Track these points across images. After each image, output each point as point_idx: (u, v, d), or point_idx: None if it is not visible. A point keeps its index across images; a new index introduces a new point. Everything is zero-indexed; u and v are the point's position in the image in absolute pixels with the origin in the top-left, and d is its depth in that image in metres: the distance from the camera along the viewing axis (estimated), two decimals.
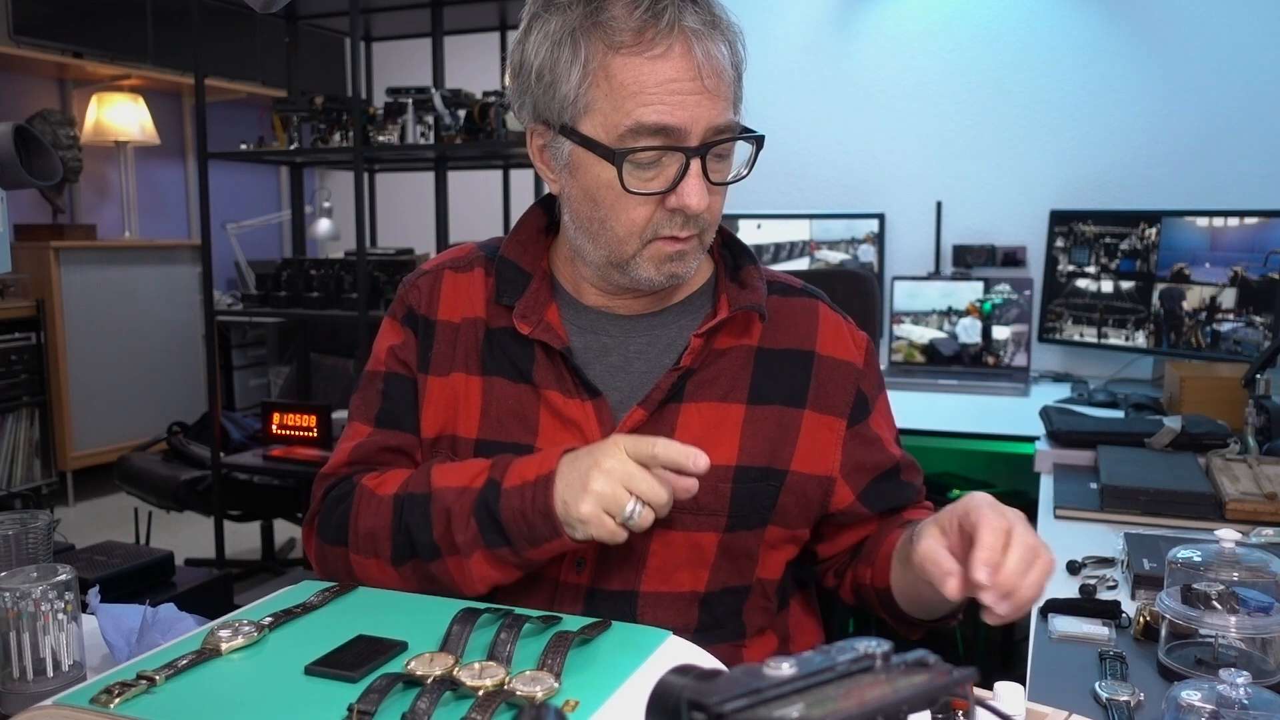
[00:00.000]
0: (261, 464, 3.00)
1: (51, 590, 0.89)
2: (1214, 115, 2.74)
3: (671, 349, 1.06)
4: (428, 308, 1.10)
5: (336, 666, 0.79)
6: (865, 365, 1.11)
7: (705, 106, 0.93)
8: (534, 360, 1.05)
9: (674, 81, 0.92)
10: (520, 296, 1.06)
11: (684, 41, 0.92)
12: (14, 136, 1.19)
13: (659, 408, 1.02)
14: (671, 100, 0.92)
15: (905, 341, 2.88)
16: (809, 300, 1.12)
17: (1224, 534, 1.00)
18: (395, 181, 4.66)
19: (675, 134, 0.93)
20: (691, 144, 0.94)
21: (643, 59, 0.92)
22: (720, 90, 0.94)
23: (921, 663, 0.46)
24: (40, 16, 4.32)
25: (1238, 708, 0.78)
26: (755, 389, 1.05)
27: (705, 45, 0.93)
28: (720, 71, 0.94)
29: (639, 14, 0.92)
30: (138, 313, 4.63)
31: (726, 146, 0.97)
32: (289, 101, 3.27)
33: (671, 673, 0.46)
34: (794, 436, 1.05)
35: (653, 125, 0.92)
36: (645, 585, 1.02)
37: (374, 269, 3.07)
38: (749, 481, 1.03)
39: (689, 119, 0.93)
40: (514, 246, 1.10)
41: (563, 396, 1.03)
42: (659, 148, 0.94)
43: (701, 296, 1.10)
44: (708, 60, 0.93)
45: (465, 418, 1.06)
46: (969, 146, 2.99)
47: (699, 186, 0.94)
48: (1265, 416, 1.75)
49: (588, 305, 1.08)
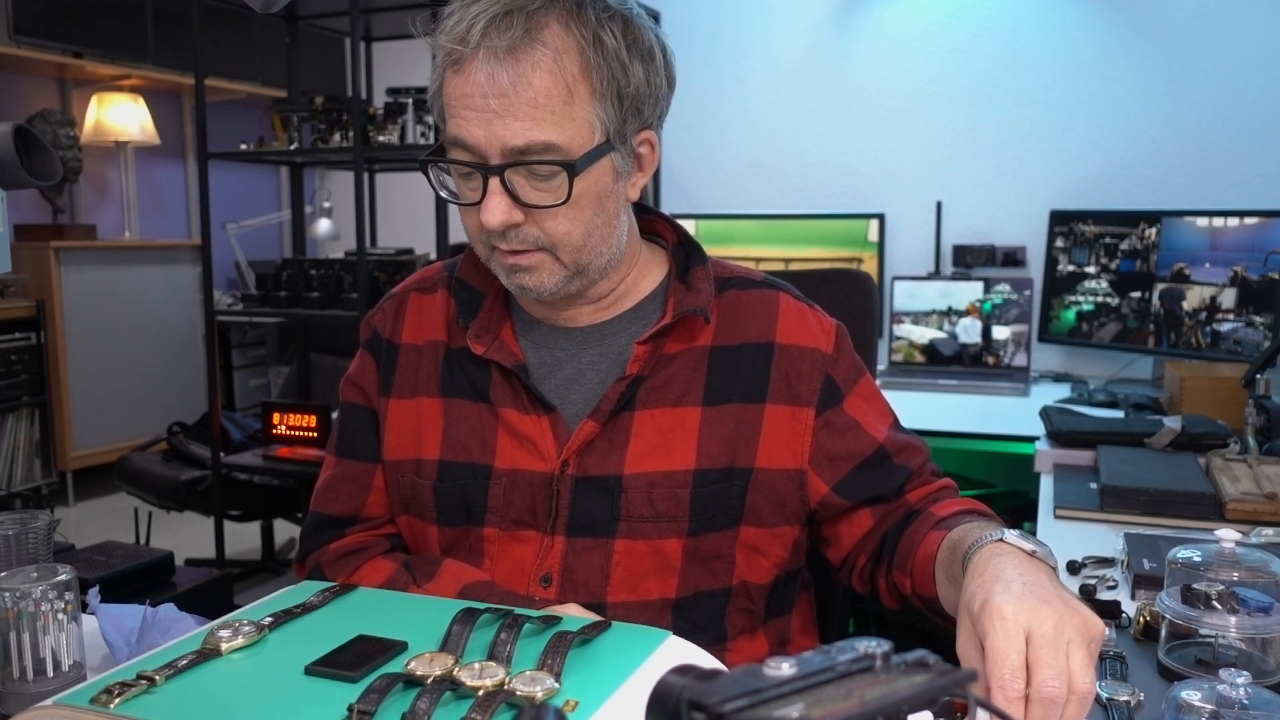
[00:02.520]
0: (261, 464, 3.00)
1: (51, 590, 0.89)
2: (1214, 115, 2.74)
3: (622, 358, 1.06)
4: (391, 332, 1.12)
5: (336, 666, 0.79)
6: (835, 350, 1.09)
7: (498, 126, 0.92)
8: (490, 380, 1.06)
9: (468, 98, 0.93)
10: (474, 317, 1.07)
11: (485, 60, 0.92)
12: (14, 136, 1.19)
13: (610, 418, 1.03)
14: (466, 115, 0.93)
15: (905, 341, 2.88)
16: (769, 292, 1.10)
17: (1224, 534, 1.00)
18: (395, 181, 4.66)
19: (475, 150, 0.94)
20: (493, 161, 0.93)
21: (452, 74, 0.94)
22: (517, 111, 0.91)
23: (921, 663, 0.46)
24: (40, 16, 4.32)
25: (1238, 708, 0.78)
26: (711, 390, 1.04)
27: (506, 65, 0.91)
28: (507, 92, 0.91)
29: (458, 31, 0.93)
30: (138, 313, 4.63)
31: (547, 169, 0.93)
32: (289, 101, 3.27)
33: (671, 673, 0.46)
34: (756, 433, 1.04)
35: (453, 138, 0.95)
36: (612, 596, 1.02)
37: (374, 269, 3.07)
38: (709, 484, 1.03)
39: (483, 136, 0.93)
40: (467, 267, 1.11)
41: (519, 413, 1.04)
42: (462, 162, 0.95)
43: (652, 302, 1.09)
44: (492, 80, 0.91)
45: (429, 440, 1.08)
46: (969, 146, 2.99)
47: (497, 204, 0.94)
48: (1265, 416, 1.75)
49: (538, 320, 1.09)
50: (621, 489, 1.02)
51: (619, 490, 1.02)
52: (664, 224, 1.14)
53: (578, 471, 1.02)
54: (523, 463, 1.03)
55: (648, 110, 0.99)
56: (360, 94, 2.97)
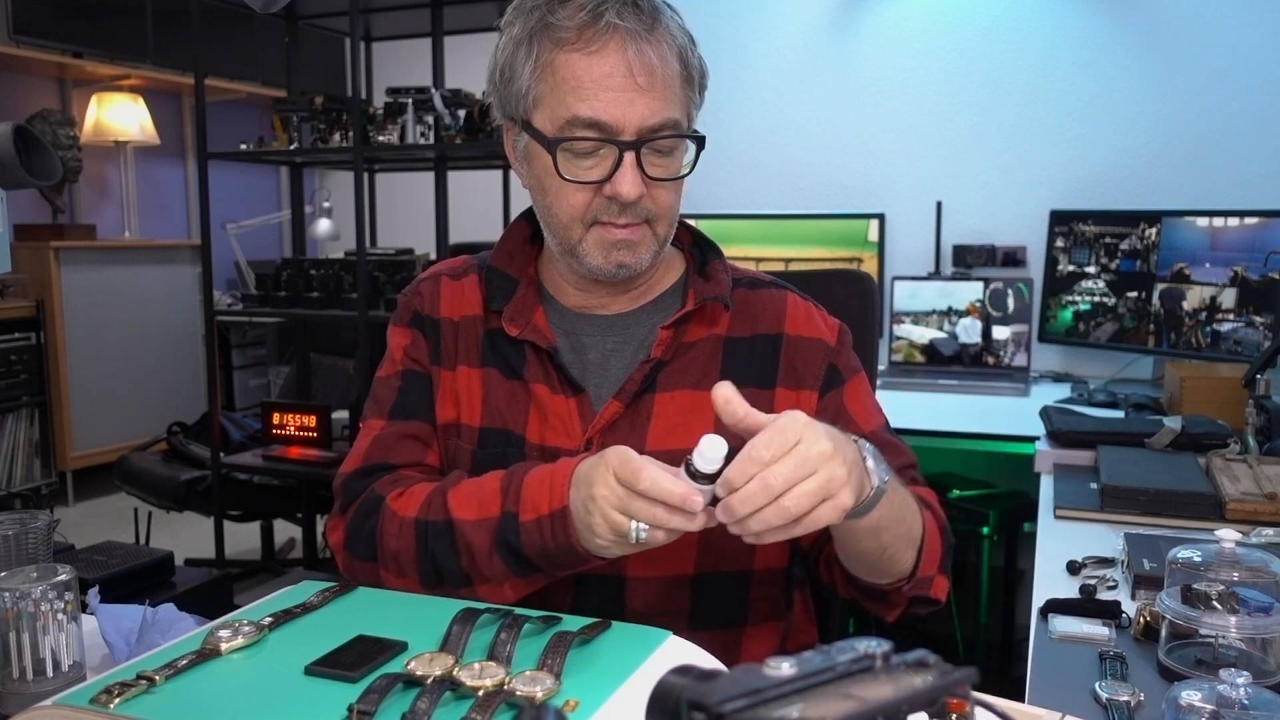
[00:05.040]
0: (261, 464, 3.00)
1: (51, 590, 0.89)
2: (1214, 115, 2.74)
3: (645, 344, 1.11)
4: (430, 308, 1.16)
5: (336, 666, 0.79)
6: (838, 344, 1.13)
7: (638, 104, 0.98)
8: (525, 360, 1.10)
9: (608, 78, 0.97)
10: (508, 301, 1.11)
11: (619, 41, 0.97)
12: (14, 136, 1.19)
13: (634, 400, 1.07)
14: (605, 96, 0.97)
15: (905, 341, 2.88)
16: (778, 291, 1.16)
17: (1224, 534, 1.00)
18: (395, 181, 4.66)
19: (608, 128, 0.98)
20: (626, 138, 0.98)
21: (580, 56, 0.98)
22: (655, 89, 0.98)
23: (921, 663, 0.46)
24: (40, 16, 4.32)
25: (1238, 708, 0.78)
26: (727, 374, 1.07)
27: (640, 45, 0.97)
28: (654, 71, 0.98)
29: (582, 15, 0.98)
30: (138, 313, 4.63)
31: (668, 143, 1.01)
32: (289, 101, 3.27)
33: (671, 673, 0.46)
34: None
35: (586, 119, 0.98)
36: (631, 571, 1.05)
37: (374, 269, 3.07)
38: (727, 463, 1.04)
39: (621, 114, 0.98)
40: (501, 256, 1.15)
41: (549, 392, 1.08)
42: (594, 139, 0.99)
43: (672, 294, 1.15)
44: (640, 59, 0.97)
45: (469, 408, 1.12)
46: (969, 146, 2.99)
47: (632, 177, 0.99)
48: (1265, 416, 1.75)
49: (569, 307, 1.13)
50: None
51: None
52: (680, 226, 1.17)
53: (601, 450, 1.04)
54: (550, 439, 1.07)
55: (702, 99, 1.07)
56: (360, 94, 2.97)
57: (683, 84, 1.01)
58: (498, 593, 1.00)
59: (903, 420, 2.31)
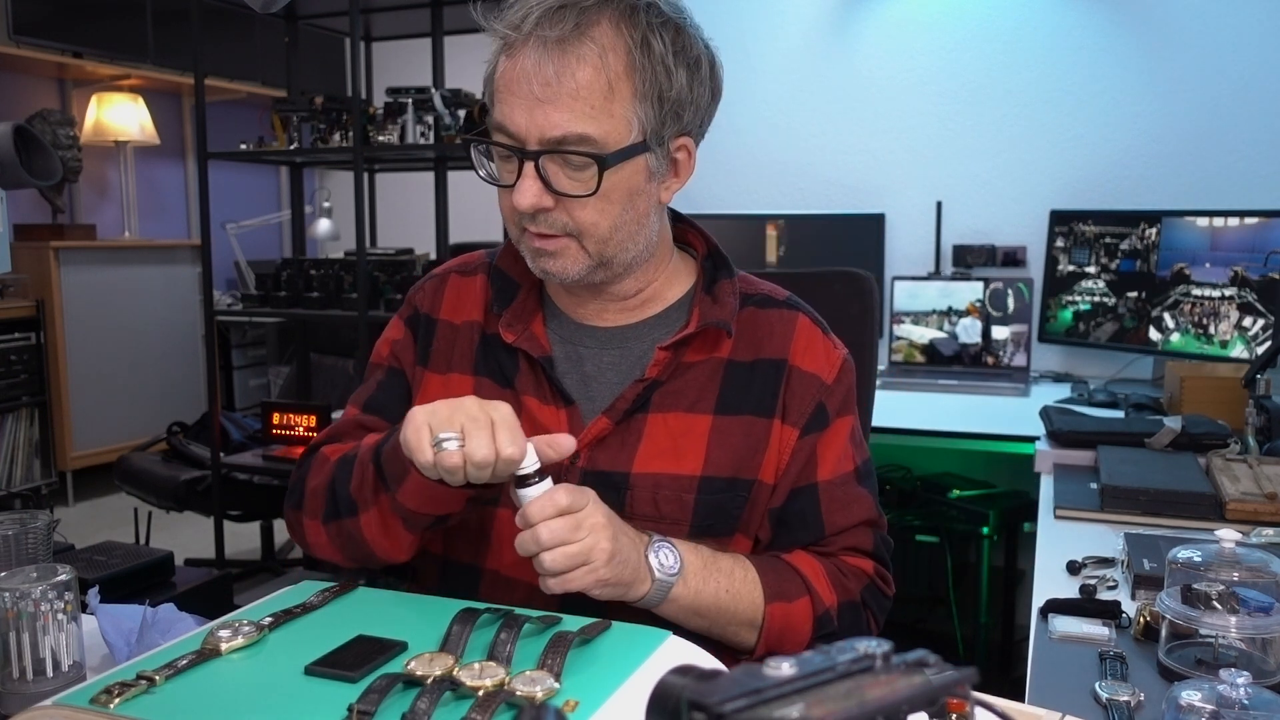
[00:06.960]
0: (261, 464, 3.00)
1: (51, 590, 0.89)
2: (1214, 115, 2.74)
3: (642, 361, 1.09)
4: (430, 307, 1.16)
5: (336, 666, 0.79)
6: (834, 382, 1.10)
7: (538, 113, 0.95)
8: (518, 368, 1.09)
9: (514, 83, 0.97)
10: (508, 306, 1.11)
11: (534, 49, 0.96)
12: (14, 136, 1.19)
13: (624, 418, 1.05)
14: (511, 102, 0.97)
15: (905, 341, 2.88)
16: (789, 312, 1.12)
17: (1224, 534, 1.00)
18: (395, 181, 4.66)
19: (515, 135, 0.97)
20: (531, 147, 0.97)
21: (505, 60, 0.98)
22: (559, 100, 0.95)
23: (921, 663, 0.46)
24: (40, 16, 4.32)
25: (1238, 708, 0.78)
26: (723, 400, 1.06)
27: (550, 55, 0.95)
28: (557, 81, 0.94)
29: (513, 20, 0.98)
30: (138, 313, 4.63)
31: (580, 159, 0.96)
32: (289, 101, 3.27)
33: (671, 673, 0.46)
34: (763, 446, 1.07)
35: (497, 122, 0.99)
36: None
37: (374, 269, 3.07)
38: (714, 492, 1.05)
39: (523, 122, 0.96)
40: (506, 257, 1.15)
41: (539, 403, 1.07)
42: (500, 144, 0.99)
43: (677, 310, 1.12)
44: (544, 69, 0.94)
45: None
46: (969, 146, 2.99)
47: (529, 188, 0.97)
48: (1265, 416, 1.75)
49: (568, 317, 1.12)
50: (628, 486, 1.04)
51: (625, 488, 1.04)
52: (697, 235, 1.16)
53: (588, 465, 1.05)
54: None
55: (687, 117, 1.02)
56: (360, 94, 2.96)
57: (605, 97, 0.95)
58: (384, 535, 1.00)
59: (903, 420, 2.32)
